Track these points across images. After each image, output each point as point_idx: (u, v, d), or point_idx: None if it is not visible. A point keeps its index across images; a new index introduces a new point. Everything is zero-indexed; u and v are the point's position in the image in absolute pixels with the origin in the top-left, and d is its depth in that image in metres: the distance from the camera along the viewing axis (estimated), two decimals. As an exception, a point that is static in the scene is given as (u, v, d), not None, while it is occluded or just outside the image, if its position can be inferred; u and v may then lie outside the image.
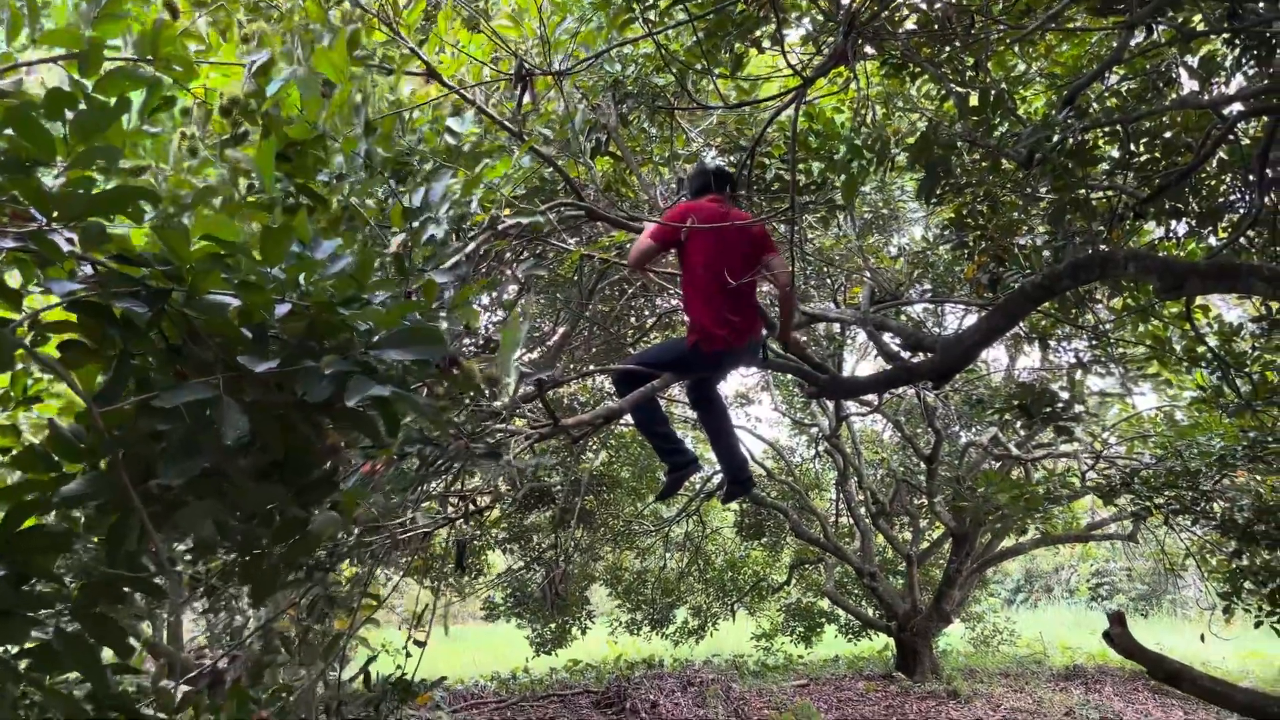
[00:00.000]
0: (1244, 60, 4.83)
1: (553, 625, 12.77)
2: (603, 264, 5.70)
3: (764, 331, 4.52)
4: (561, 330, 8.15)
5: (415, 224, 2.56)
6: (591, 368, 8.82)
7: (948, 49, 4.71)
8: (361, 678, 4.12)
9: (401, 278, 2.43)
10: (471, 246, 3.61)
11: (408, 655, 4.71)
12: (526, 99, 3.67)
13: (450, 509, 4.99)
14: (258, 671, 3.42)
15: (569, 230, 6.23)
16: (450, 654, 15.51)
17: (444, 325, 2.57)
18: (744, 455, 5.05)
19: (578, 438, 6.67)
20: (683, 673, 13.29)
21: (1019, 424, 7.61)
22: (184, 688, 2.70)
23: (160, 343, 1.75)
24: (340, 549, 3.75)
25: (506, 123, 4.02)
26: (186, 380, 1.70)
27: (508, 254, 6.03)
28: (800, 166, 4.37)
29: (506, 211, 3.77)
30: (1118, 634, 5.20)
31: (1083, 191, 4.26)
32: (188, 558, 2.94)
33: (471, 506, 5.09)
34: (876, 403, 10.63)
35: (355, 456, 2.68)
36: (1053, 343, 7.72)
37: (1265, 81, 4.56)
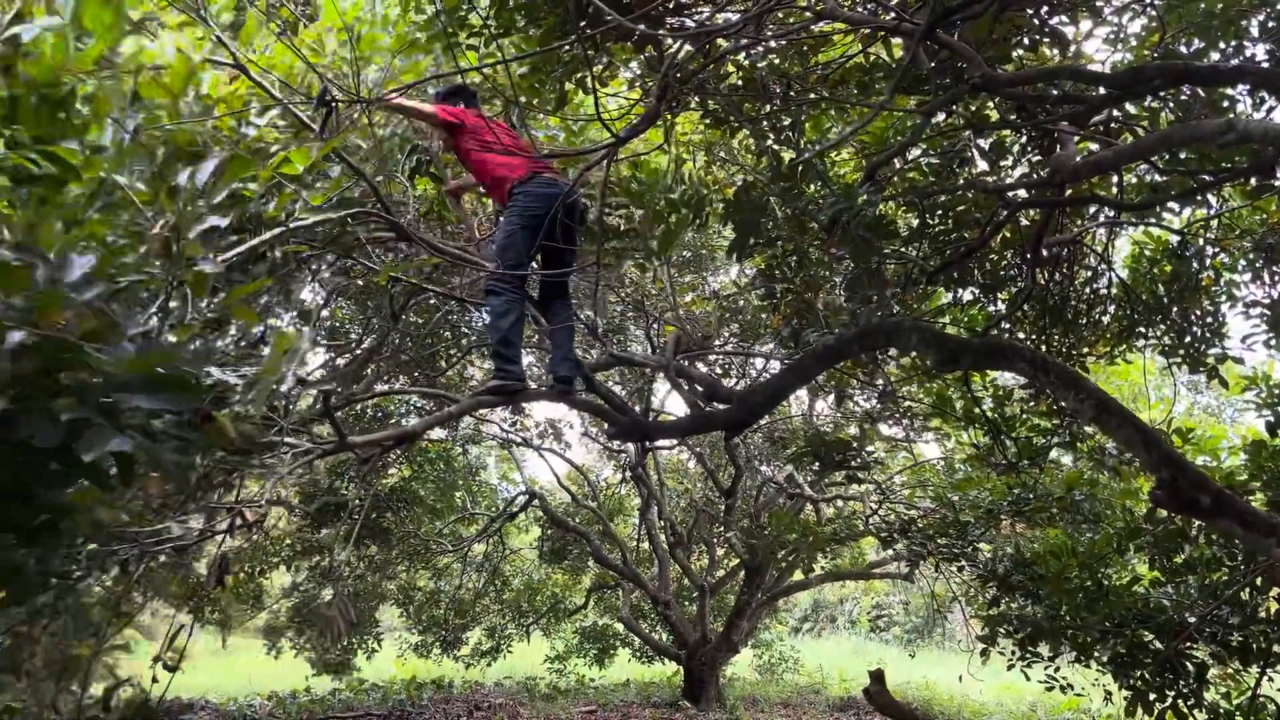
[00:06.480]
0: (1029, 148, 5.26)
1: (340, 645, 12.26)
2: (413, 285, 5.53)
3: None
4: (368, 343, 7.87)
5: (184, 206, 2.29)
6: (400, 384, 8.56)
7: (767, 107, 4.88)
8: (102, 701, 3.81)
9: (169, 265, 2.19)
10: (256, 241, 3.41)
11: (155, 680, 4.40)
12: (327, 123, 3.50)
13: (219, 522, 4.69)
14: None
15: (383, 247, 6.03)
16: (226, 671, 14.67)
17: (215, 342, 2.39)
18: (577, 358, 4.68)
19: (365, 458, 6.45)
20: (471, 695, 13.07)
21: (813, 465, 7.94)
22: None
23: None
24: (87, 564, 3.45)
25: (315, 128, 3.84)
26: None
27: (312, 263, 5.77)
28: (622, 213, 4.41)
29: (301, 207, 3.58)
30: (876, 691, 5.47)
31: (879, 261, 4.50)
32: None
33: (240, 520, 4.80)
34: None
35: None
36: (849, 391, 8.12)
37: (1045, 172, 4.98)
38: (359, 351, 7.83)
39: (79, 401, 1.59)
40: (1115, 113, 4.70)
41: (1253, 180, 4.35)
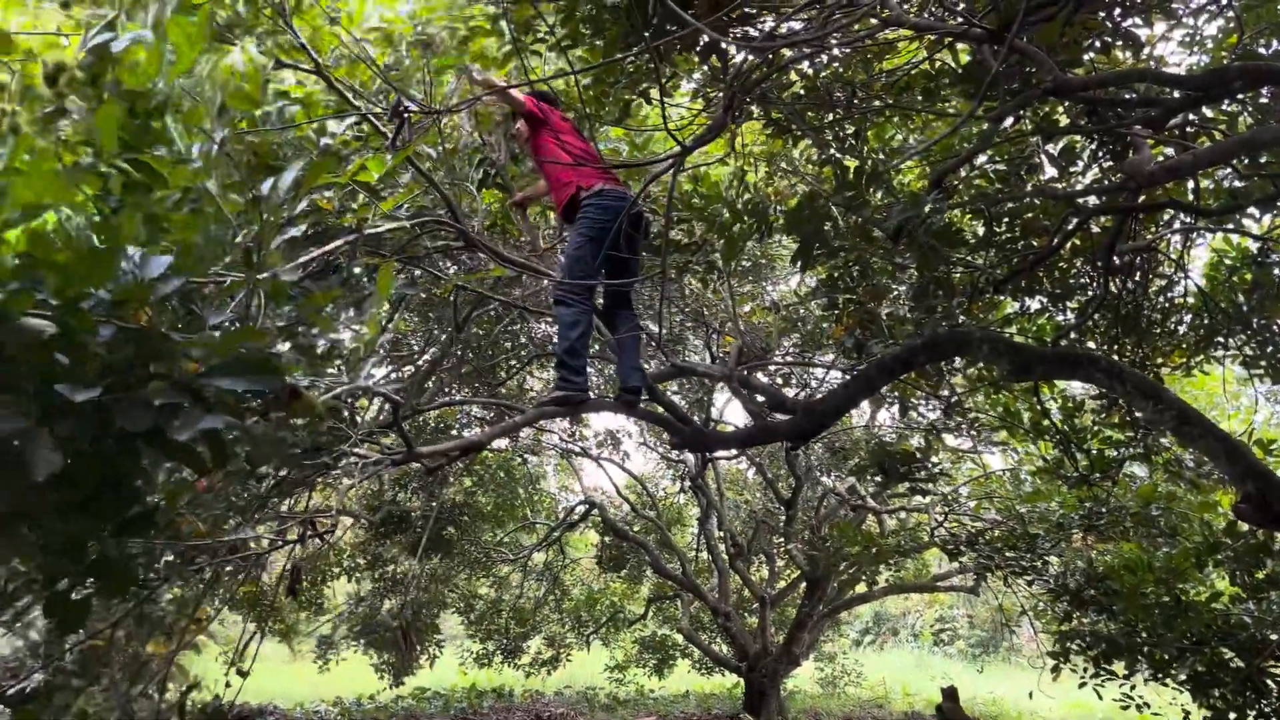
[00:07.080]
0: (1100, 154, 5.13)
1: (401, 654, 12.39)
2: (476, 295, 5.58)
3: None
4: (431, 354, 7.96)
5: (266, 215, 2.34)
6: (463, 395, 8.64)
7: (830, 116, 4.84)
8: (177, 707, 3.89)
9: (250, 271, 2.24)
10: (330, 247, 3.47)
11: (228, 685, 4.48)
12: (404, 135, 3.56)
13: (291, 531, 4.76)
14: (48, 694, 3.19)
15: (448, 258, 6.09)
16: (292, 677, 14.92)
17: (285, 347, 2.42)
18: (643, 370, 4.68)
19: (432, 469, 6.52)
20: (532, 705, 13.13)
21: (876, 476, 7.83)
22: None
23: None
24: (163, 572, 3.52)
25: (388, 134, 3.90)
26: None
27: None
28: (683, 226, 4.41)
29: (373, 213, 3.63)
30: (949, 709, 5.37)
31: (945, 269, 4.43)
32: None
33: (311, 530, 4.87)
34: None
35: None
36: (912, 400, 8.00)
37: (1118, 177, 4.85)
38: (422, 363, 7.92)
39: (169, 385, 1.62)
40: (1191, 116, 4.57)
41: (1339, 184, 4.20)
